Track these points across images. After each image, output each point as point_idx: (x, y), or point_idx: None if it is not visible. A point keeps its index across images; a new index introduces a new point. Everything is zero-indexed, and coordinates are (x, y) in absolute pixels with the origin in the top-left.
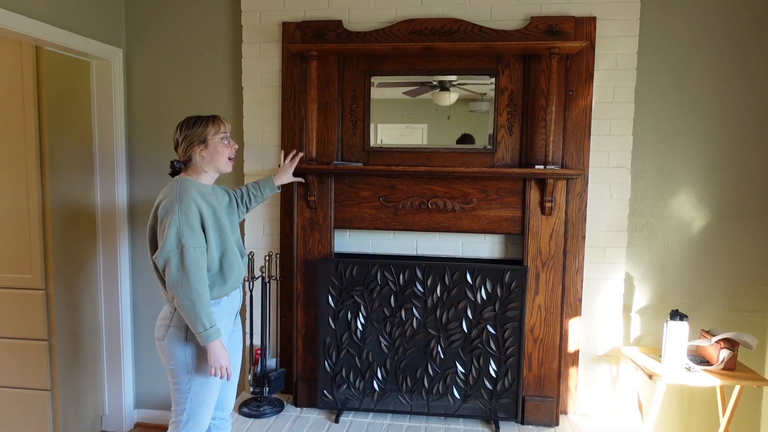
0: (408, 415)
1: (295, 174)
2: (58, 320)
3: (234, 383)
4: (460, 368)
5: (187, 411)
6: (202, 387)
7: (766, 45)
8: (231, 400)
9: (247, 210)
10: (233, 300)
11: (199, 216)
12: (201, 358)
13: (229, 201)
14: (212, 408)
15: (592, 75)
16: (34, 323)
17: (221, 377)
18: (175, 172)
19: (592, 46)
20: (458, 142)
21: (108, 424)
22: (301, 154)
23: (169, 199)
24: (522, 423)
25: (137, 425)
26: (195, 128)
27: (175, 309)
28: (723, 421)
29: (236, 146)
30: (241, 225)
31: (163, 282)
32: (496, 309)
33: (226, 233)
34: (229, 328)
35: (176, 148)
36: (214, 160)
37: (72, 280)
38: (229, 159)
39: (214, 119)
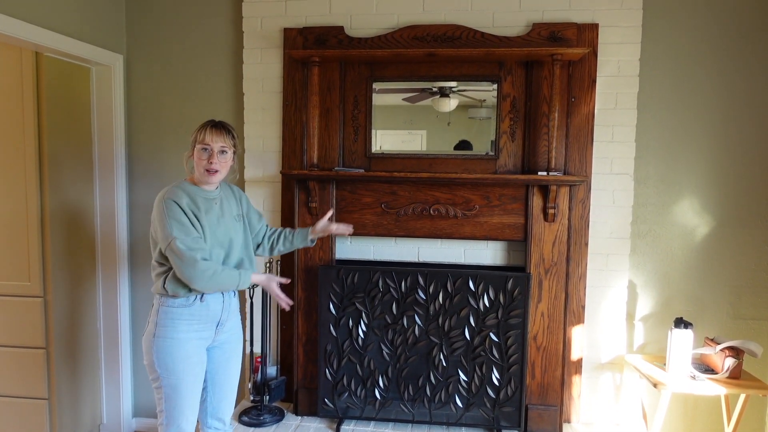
0: (410, 424)
1: (296, 180)
2: (56, 328)
3: (229, 393)
4: (462, 376)
5: (164, 414)
6: (171, 390)
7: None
8: (227, 410)
9: (268, 252)
10: (209, 308)
11: (180, 209)
12: (165, 357)
13: (258, 219)
14: (191, 413)
15: (594, 81)
16: (32, 331)
17: (287, 303)
18: None
19: (594, 53)
20: (456, 148)
21: None
22: (331, 212)
23: (156, 200)
24: None
25: None
26: (194, 132)
27: (153, 305)
28: (728, 430)
29: (219, 163)
30: None
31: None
32: (499, 316)
33: (214, 237)
34: (206, 336)
35: None
36: (196, 167)
37: (70, 287)
38: (207, 171)
39: (204, 127)
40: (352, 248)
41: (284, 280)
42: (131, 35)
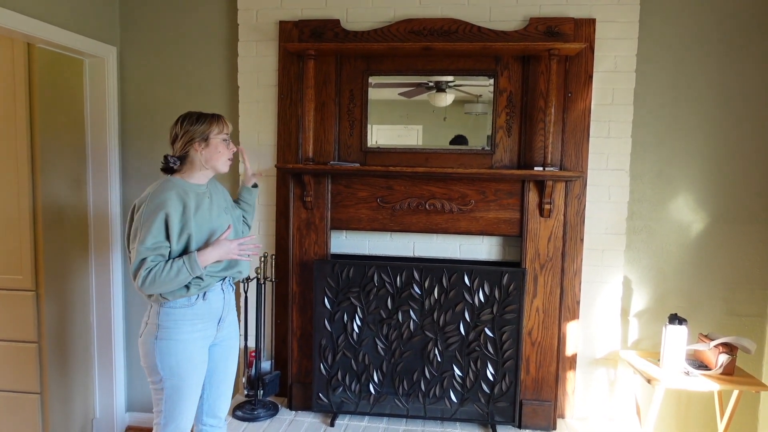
0: (404, 419)
1: (291, 174)
2: (48, 322)
3: (226, 390)
4: (457, 371)
5: (163, 414)
6: (173, 391)
7: (764, 48)
8: (224, 407)
9: (249, 226)
10: (211, 305)
11: (164, 219)
12: (169, 359)
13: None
14: (190, 413)
15: (591, 77)
16: (24, 325)
17: (248, 251)
18: (167, 167)
19: (591, 48)
20: (452, 142)
21: (99, 427)
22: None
23: (141, 199)
24: (519, 427)
25: (128, 429)
26: (198, 125)
27: (151, 306)
28: (721, 426)
29: (235, 149)
30: None
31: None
32: (494, 311)
33: (202, 234)
34: (209, 335)
35: (173, 143)
36: (213, 159)
37: (63, 281)
38: (228, 160)
39: (218, 118)
40: (348, 243)
41: (227, 232)
42: (125, 27)
